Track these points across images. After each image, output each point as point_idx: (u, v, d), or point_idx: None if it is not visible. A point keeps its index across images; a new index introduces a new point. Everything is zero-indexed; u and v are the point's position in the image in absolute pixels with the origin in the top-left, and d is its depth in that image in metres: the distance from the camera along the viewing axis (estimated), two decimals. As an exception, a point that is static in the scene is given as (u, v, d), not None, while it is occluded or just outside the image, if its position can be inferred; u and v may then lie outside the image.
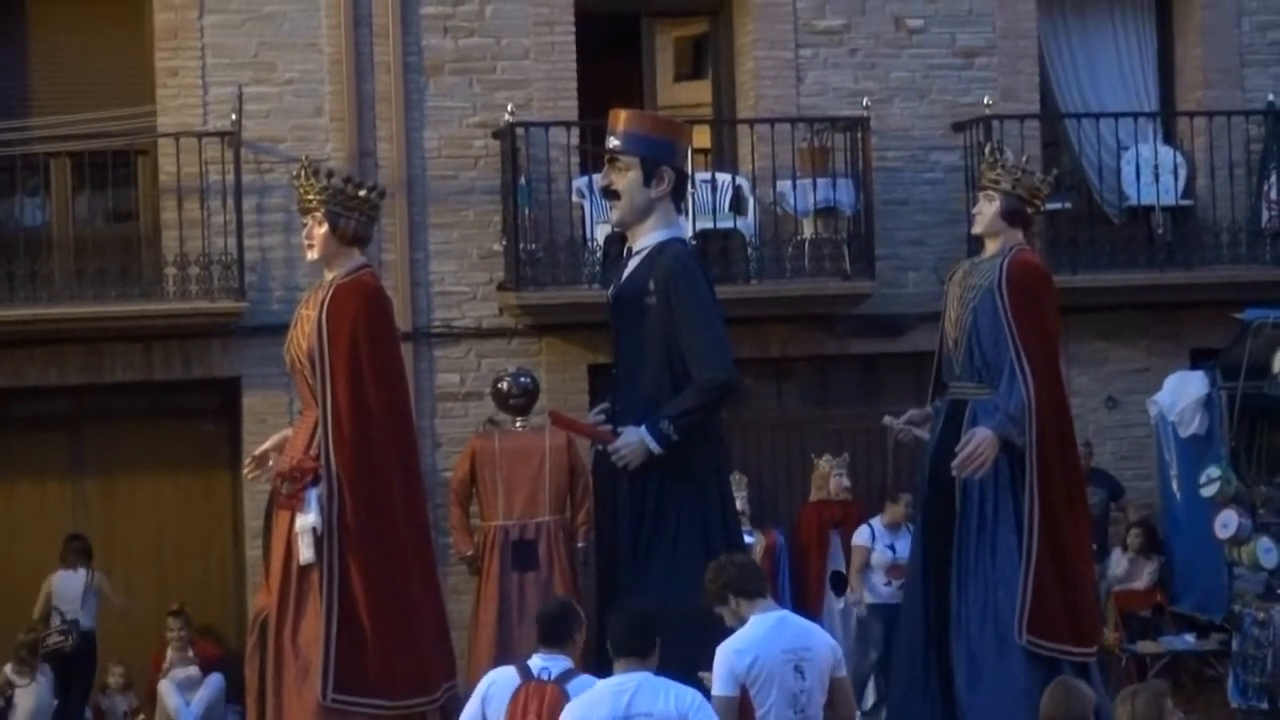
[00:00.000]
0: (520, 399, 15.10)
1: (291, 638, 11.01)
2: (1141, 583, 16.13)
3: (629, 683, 8.43)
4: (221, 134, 15.35)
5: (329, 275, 11.20)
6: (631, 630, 8.62)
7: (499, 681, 9.11)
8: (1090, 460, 16.12)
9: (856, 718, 13.62)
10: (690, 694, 8.51)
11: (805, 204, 15.99)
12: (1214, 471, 15.38)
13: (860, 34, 16.73)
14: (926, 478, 11.94)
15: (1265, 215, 16.91)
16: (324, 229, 11.10)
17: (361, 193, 11.27)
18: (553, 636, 9.15)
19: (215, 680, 15.43)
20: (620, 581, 11.47)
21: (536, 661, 9.08)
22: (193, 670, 15.43)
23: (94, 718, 15.58)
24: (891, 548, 15.37)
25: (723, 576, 9.11)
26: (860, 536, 15.51)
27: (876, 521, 15.53)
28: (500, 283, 15.95)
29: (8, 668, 15.02)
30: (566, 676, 8.98)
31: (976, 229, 12.00)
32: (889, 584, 15.24)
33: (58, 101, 15.79)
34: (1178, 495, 16.30)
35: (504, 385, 15.19)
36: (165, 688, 15.40)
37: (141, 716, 15.66)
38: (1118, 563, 16.08)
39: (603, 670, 9.02)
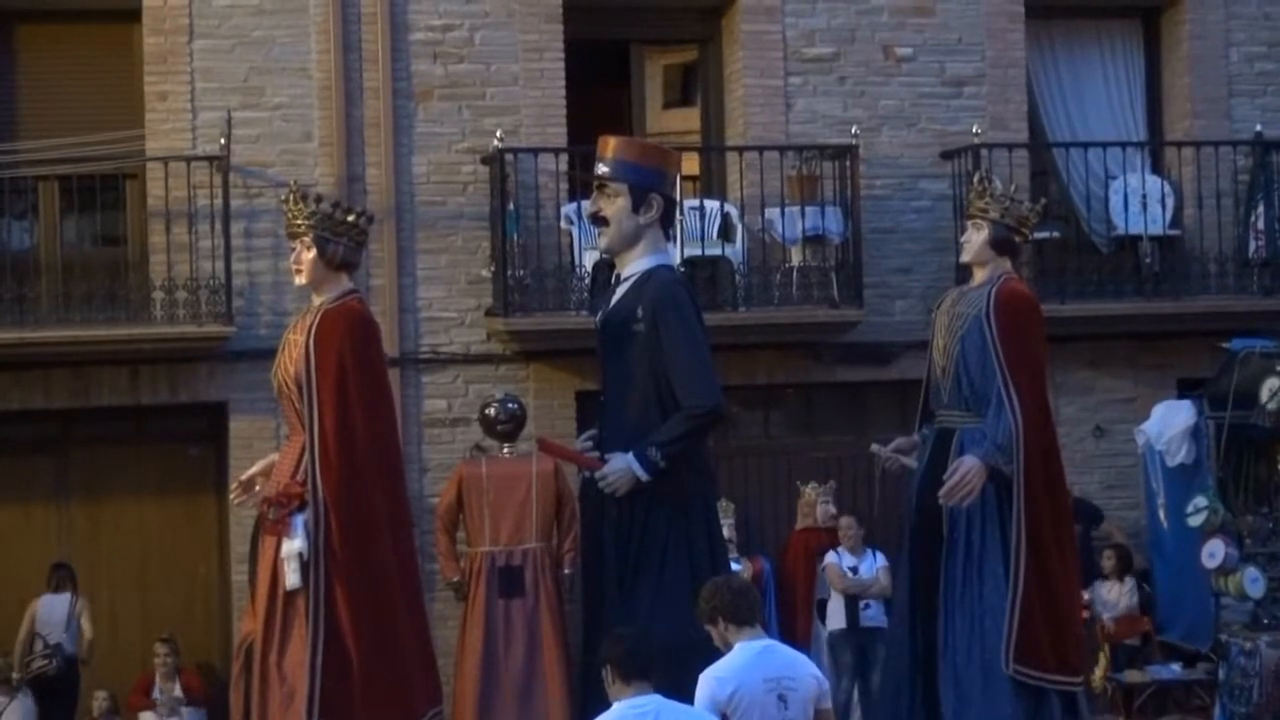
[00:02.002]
0: (507, 425, 15.09)
1: (277, 663, 10.97)
2: (1120, 607, 16.09)
3: (649, 704, 8.41)
4: (210, 158, 15.36)
5: (317, 300, 11.16)
6: (640, 651, 8.61)
7: None
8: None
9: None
10: (709, 716, 8.54)
11: (793, 232, 16.00)
12: (1201, 501, 15.39)
13: (849, 62, 16.77)
14: (914, 506, 11.91)
15: (1252, 245, 16.95)
16: (312, 254, 11.06)
17: (350, 218, 11.23)
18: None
19: (198, 714, 15.47)
20: (606, 609, 11.43)
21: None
22: (178, 698, 15.43)
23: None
24: (854, 569, 15.67)
25: (716, 599, 9.09)
26: (828, 560, 15.76)
27: (840, 547, 15.79)
28: (488, 309, 15.95)
29: None
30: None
31: (965, 257, 11.97)
32: (865, 606, 15.51)
33: (46, 125, 15.79)
34: (1165, 524, 16.31)
35: (491, 411, 15.18)
36: (149, 717, 15.42)
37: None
38: (1099, 588, 16.05)
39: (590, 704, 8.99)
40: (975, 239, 11.73)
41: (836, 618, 15.66)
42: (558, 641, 14.45)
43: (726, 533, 14.13)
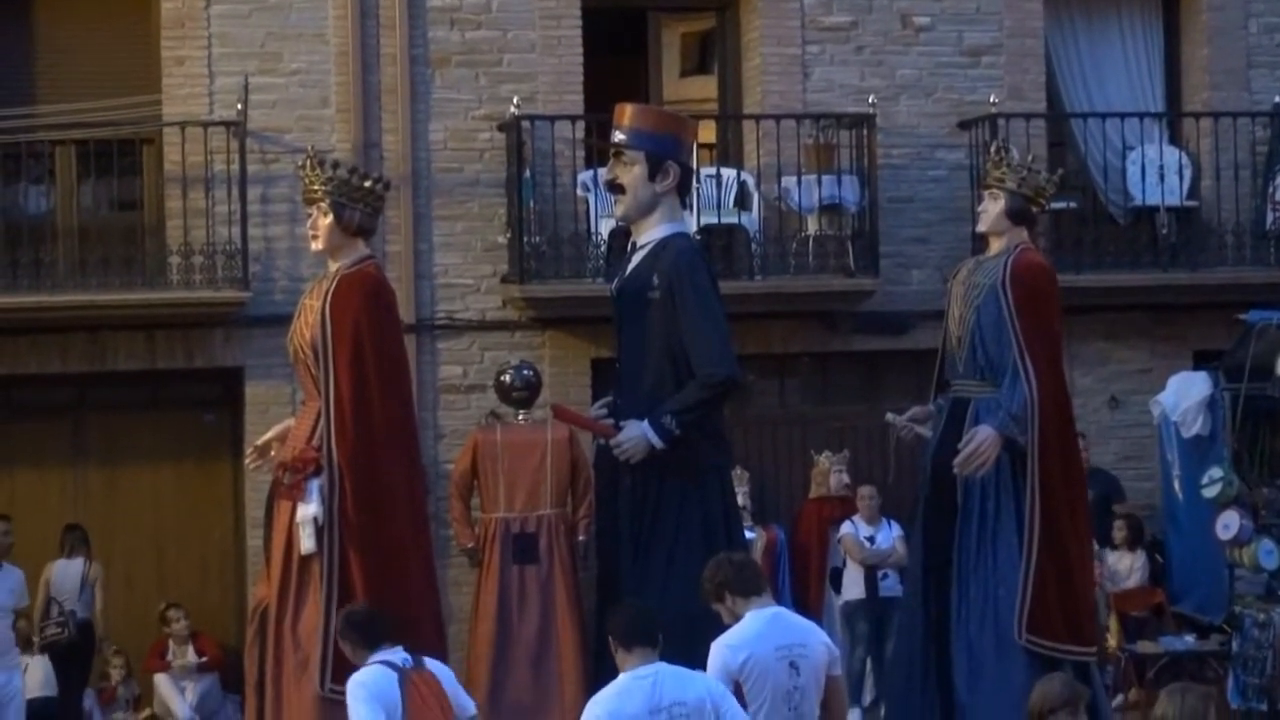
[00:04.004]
0: (523, 392, 15.10)
1: (291, 628, 11.01)
2: (1131, 579, 16.10)
3: (650, 672, 8.43)
4: (227, 124, 15.35)
5: (333, 266, 11.19)
6: (641, 620, 8.64)
7: (378, 681, 9.54)
8: (1087, 456, 16.08)
9: (851, 717, 13.75)
10: (712, 681, 8.58)
11: (810, 201, 15.99)
12: (1216, 473, 15.38)
13: (867, 31, 16.73)
14: (928, 476, 11.93)
15: (1270, 217, 16.91)
16: (328, 220, 11.09)
17: (366, 184, 11.26)
18: (381, 636, 9.77)
19: (209, 676, 15.55)
20: (620, 577, 11.46)
21: (389, 657, 9.64)
22: (192, 661, 15.51)
23: (100, 704, 15.59)
24: (871, 539, 15.66)
25: (720, 575, 9.10)
26: (844, 531, 15.75)
27: (856, 516, 15.77)
28: (504, 276, 15.95)
29: None
30: (419, 660, 9.72)
31: (981, 227, 11.99)
32: (884, 576, 15.54)
33: (63, 89, 15.79)
34: (1179, 496, 16.30)
35: (507, 378, 15.19)
36: (162, 679, 15.48)
37: (149, 711, 15.73)
38: (1109, 559, 16.05)
39: (604, 675, 9.00)
40: (992, 209, 11.74)
41: (854, 588, 15.66)
42: (572, 608, 14.47)
43: (741, 501, 14.16)
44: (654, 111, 12.78)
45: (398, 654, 9.71)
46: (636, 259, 11.72)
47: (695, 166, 13.43)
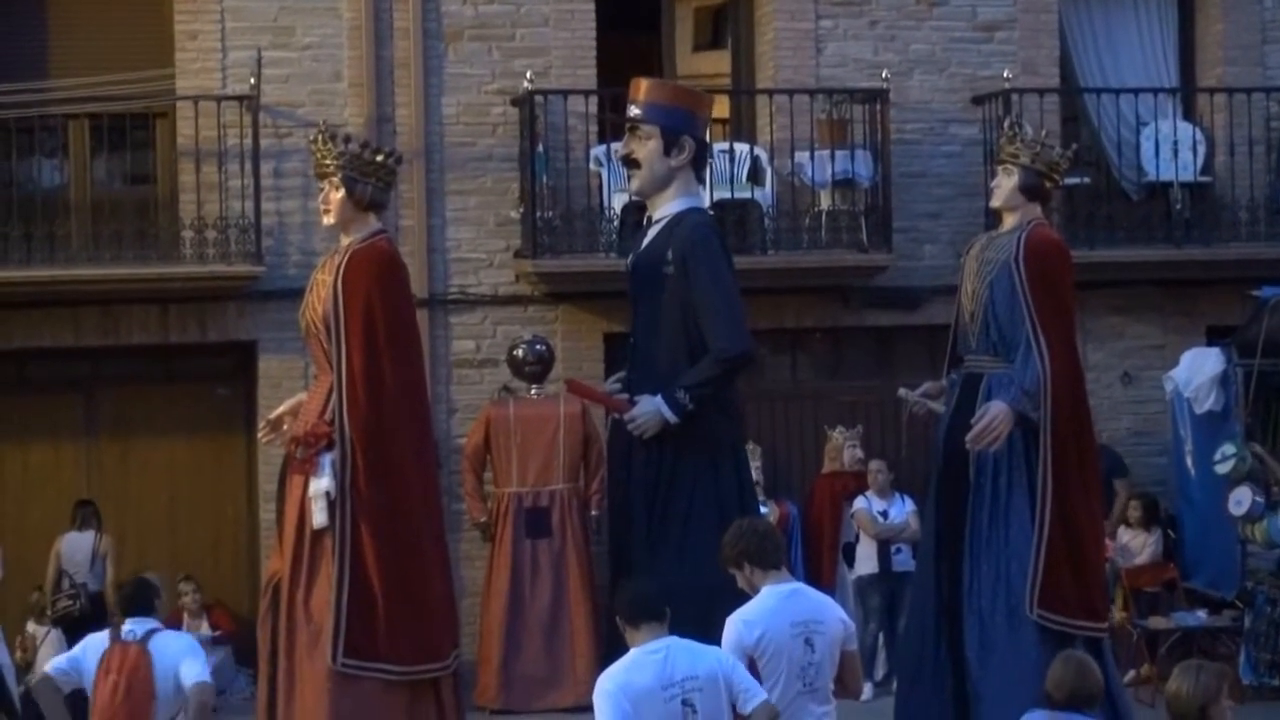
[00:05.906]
0: (535, 367, 15.13)
1: (304, 602, 11.01)
2: (1143, 556, 16.11)
3: (660, 647, 8.42)
4: (240, 98, 15.37)
5: (345, 240, 11.18)
6: (648, 595, 8.62)
7: (87, 646, 10.10)
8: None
9: (864, 692, 13.77)
10: (722, 653, 8.56)
11: (823, 175, 15.98)
12: (1229, 448, 15.38)
13: (880, 6, 16.72)
14: (941, 451, 11.92)
15: (1284, 193, 16.91)
16: (340, 194, 11.07)
17: (379, 158, 11.23)
18: (133, 608, 10.21)
19: (222, 649, 15.58)
20: (633, 552, 11.46)
21: (126, 625, 10.08)
22: (205, 635, 15.55)
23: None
24: (884, 514, 15.66)
25: (741, 544, 9.07)
26: (858, 505, 15.76)
27: (869, 491, 15.80)
28: (517, 250, 15.96)
29: (29, 625, 15.14)
30: (149, 635, 10.08)
31: (994, 203, 11.95)
32: (896, 551, 15.56)
33: (76, 63, 15.81)
34: (1192, 472, 16.30)
35: (519, 353, 15.22)
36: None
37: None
38: (1123, 537, 16.06)
39: (616, 651, 9.00)
40: (1005, 184, 11.69)
41: (867, 562, 15.68)
42: (584, 583, 14.52)
43: (754, 476, 14.16)
44: (669, 86, 12.75)
45: (138, 625, 10.07)
46: (651, 234, 11.70)
47: (710, 141, 13.41)
